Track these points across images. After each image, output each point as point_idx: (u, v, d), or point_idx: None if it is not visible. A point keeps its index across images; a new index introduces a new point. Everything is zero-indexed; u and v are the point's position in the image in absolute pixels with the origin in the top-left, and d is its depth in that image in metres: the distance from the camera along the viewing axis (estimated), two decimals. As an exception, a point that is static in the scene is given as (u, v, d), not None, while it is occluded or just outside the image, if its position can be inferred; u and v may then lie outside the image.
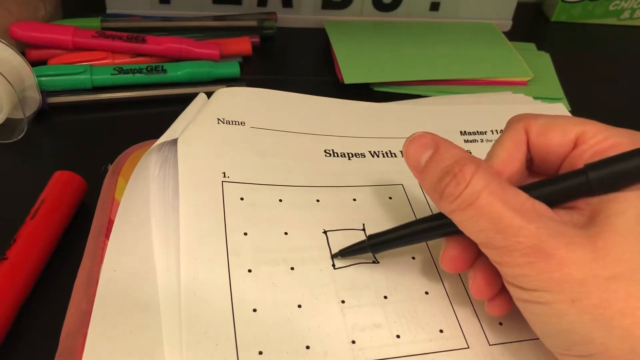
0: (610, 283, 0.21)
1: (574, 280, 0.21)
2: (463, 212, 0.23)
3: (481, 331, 0.28)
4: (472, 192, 0.23)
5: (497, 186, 0.23)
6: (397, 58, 0.50)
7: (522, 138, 0.26)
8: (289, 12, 0.55)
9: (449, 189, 0.23)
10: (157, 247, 0.29)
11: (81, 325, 0.26)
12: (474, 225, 0.23)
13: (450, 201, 0.24)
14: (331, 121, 0.38)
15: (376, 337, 0.27)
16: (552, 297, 0.21)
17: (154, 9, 0.53)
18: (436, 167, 0.24)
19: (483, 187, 0.23)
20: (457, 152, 0.24)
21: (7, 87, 0.38)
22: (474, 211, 0.23)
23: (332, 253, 0.30)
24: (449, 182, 0.23)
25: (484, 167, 0.23)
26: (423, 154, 0.25)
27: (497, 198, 0.22)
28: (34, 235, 0.30)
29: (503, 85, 0.48)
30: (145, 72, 0.44)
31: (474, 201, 0.23)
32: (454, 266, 0.26)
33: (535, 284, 0.22)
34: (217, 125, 0.34)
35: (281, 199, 0.32)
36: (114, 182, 0.33)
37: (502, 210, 0.22)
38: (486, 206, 0.22)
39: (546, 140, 0.26)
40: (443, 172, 0.24)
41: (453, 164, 0.24)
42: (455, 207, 0.23)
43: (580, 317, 0.21)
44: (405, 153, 0.26)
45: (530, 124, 0.26)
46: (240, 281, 0.28)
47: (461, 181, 0.23)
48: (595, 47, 0.58)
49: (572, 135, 0.25)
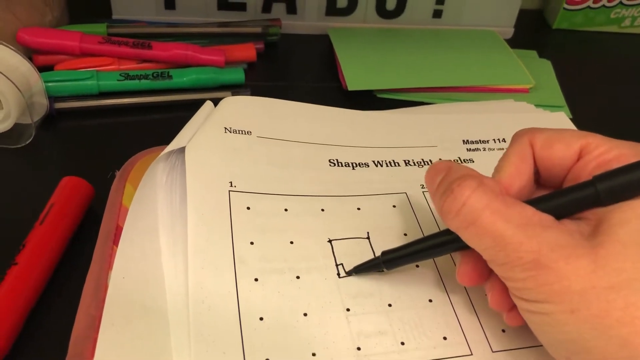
0: (608, 292, 0.21)
1: (573, 292, 0.21)
2: (466, 231, 0.24)
3: (484, 338, 0.28)
4: (472, 211, 0.23)
5: (501, 204, 0.23)
6: (400, 65, 0.50)
7: (528, 152, 0.27)
8: (293, 19, 0.55)
9: (446, 205, 0.24)
10: (165, 254, 0.29)
11: (90, 330, 0.26)
12: (478, 243, 0.24)
13: (450, 218, 0.24)
14: (336, 131, 0.38)
15: (381, 344, 0.27)
16: (553, 308, 0.22)
17: (160, 15, 0.53)
18: (442, 185, 0.25)
19: (484, 206, 0.23)
20: (464, 171, 0.25)
21: (15, 93, 0.38)
22: (476, 230, 0.23)
23: (337, 262, 0.30)
24: (447, 197, 0.24)
25: (487, 185, 0.24)
26: (437, 177, 0.26)
27: (499, 216, 0.23)
28: (43, 241, 0.31)
29: (505, 92, 0.49)
30: (151, 78, 0.44)
31: (475, 220, 0.23)
32: (470, 280, 0.27)
33: (536, 296, 0.22)
34: (224, 134, 0.35)
35: (287, 208, 0.32)
36: (121, 188, 0.33)
37: (504, 229, 0.23)
38: (488, 225, 0.23)
39: (550, 153, 0.26)
40: (445, 189, 0.25)
41: (453, 181, 0.24)
42: (458, 225, 0.24)
43: (579, 327, 0.21)
44: (425, 177, 0.27)
45: (535, 138, 0.26)
46: (247, 290, 0.28)
47: (458, 197, 0.24)
48: (596, 55, 0.59)
49: (576, 148, 0.25)
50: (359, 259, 0.30)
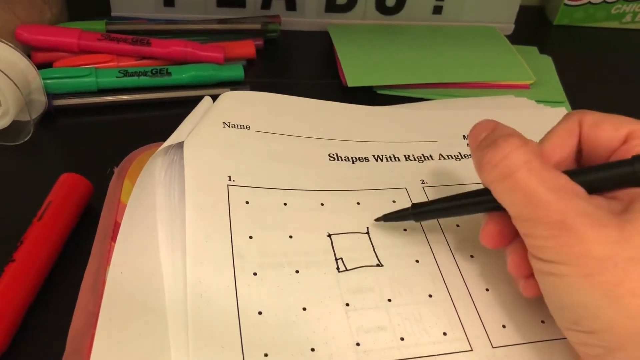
0: (626, 263, 0.21)
1: (592, 257, 0.22)
2: (500, 183, 0.24)
3: (484, 334, 0.28)
4: (511, 165, 0.24)
5: (539, 165, 0.24)
6: (400, 61, 0.50)
7: (575, 129, 0.27)
8: (292, 15, 0.55)
9: (489, 156, 0.25)
10: (163, 249, 0.29)
11: (88, 327, 0.26)
12: (509, 197, 0.24)
13: (489, 169, 0.25)
14: (335, 125, 0.38)
15: (380, 340, 0.27)
16: (568, 270, 0.22)
17: (159, 12, 0.53)
18: (486, 140, 0.26)
19: (523, 162, 0.24)
20: (510, 130, 0.26)
21: (14, 90, 0.38)
22: (511, 183, 0.24)
23: (336, 256, 0.30)
24: (490, 150, 0.25)
25: (530, 146, 0.24)
26: (482, 133, 0.27)
27: (536, 175, 0.23)
28: (41, 238, 0.30)
29: (505, 88, 0.48)
30: (150, 75, 0.44)
31: (512, 174, 0.24)
32: (493, 241, 0.27)
33: (554, 256, 0.23)
34: (222, 129, 0.34)
35: (286, 202, 0.32)
36: (120, 184, 0.33)
37: (537, 186, 0.23)
38: (522, 180, 0.23)
39: (597, 132, 0.26)
40: (490, 142, 0.25)
41: (499, 136, 0.25)
42: (493, 177, 0.25)
43: (591, 292, 0.22)
44: (469, 135, 0.28)
45: (585, 117, 0.27)
46: (246, 284, 0.28)
47: (499, 150, 0.24)
48: (597, 51, 0.59)
49: (624, 132, 0.26)
50: (359, 254, 0.31)
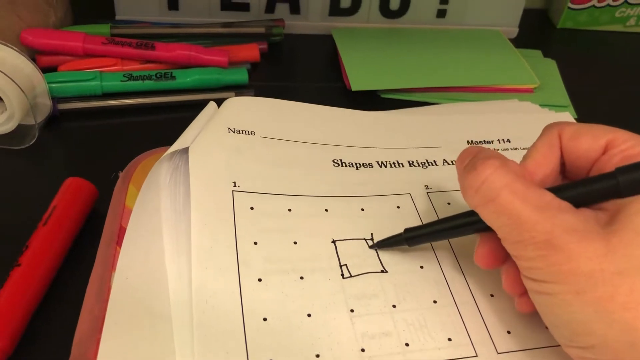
0: (615, 277, 0.21)
1: (581, 273, 0.22)
2: (484, 208, 0.25)
3: (489, 339, 0.28)
4: (492, 189, 0.24)
5: (521, 186, 0.24)
6: (404, 65, 0.50)
7: (556, 142, 0.27)
8: (296, 19, 0.55)
9: (468, 181, 0.25)
10: (168, 254, 0.29)
11: (93, 331, 0.26)
12: (495, 220, 0.25)
13: (471, 194, 0.25)
14: (340, 131, 0.38)
15: (385, 345, 0.27)
16: (559, 288, 0.22)
17: (163, 16, 0.53)
18: (468, 165, 0.26)
19: (504, 185, 0.24)
20: (490, 153, 0.26)
21: (19, 94, 0.38)
22: (495, 207, 0.24)
23: (340, 262, 0.30)
24: (469, 173, 0.25)
25: (509, 167, 0.25)
26: (466, 159, 0.27)
27: (518, 197, 0.23)
28: (46, 242, 0.30)
29: (509, 92, 0.48)
30: (155, 79, 0.44)
31: (494, 197, 0.24)
32: (487, 262, 0.27)
33: (544, 276, 0.23)
34: (227, 134, 0.34)
35: (290, 208, 0.32)
36: (125, 189, 0.33)
37: (521, 208, 0.23)
38: (506, 203, 0.24)
39: (577, 144, 0.27)
40: (469, 167, 0.25)
41: (477, 160, 0.25)
42: (477, 202, 0.25)
43: (583, 309, 0.22)
44: (456, 162, 0.28)
45: (564, 129, 0.27)
46: (251, 290, 0.28)
47: (480, 173, 0.24)
48: (601, 54, 0.59)
49: (603, 141, 0.26)
50: (363, 260, 0.31)
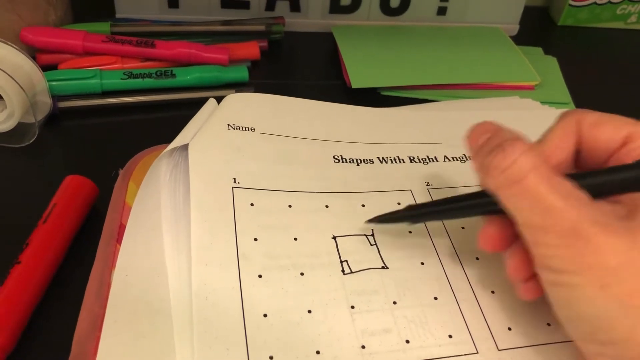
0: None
1: (608, 267, 0.21)
2: (508, 189, 0.24)
3: (490, 336, 0.28)
4: (520, 170, 0.23)
5: (546, 170, 0.23)
6: (405, 62, 0.50)
7: (574, 129, 0.27)
8: (296, 17, 0.55)
9: (496, 161, 0.24)
10: (168, 251, 0.29)
11: (93, 329, 0.26)
12: (517, 203, 0.24)
13: (496, 175, 0.24)
14: (340, 127, 0.38)
15: (386, 342, 0.27)
16: (582, 280, 0.22)
17: (163, 14, 0.53)
18: (490, 143, 0.25)
19: (532, 167, 0.23)
20: (515, 134, 0.25)
21: (19, 92, 0.38)
22: (520, 189, 0.23)
23: (341, 258, 0.30)
24: (497, 154, 0.24)
25: (535, 150, 0.24)
26: (482, 135, 0.26)
27: (545, 180, 0.23)
28: (46, 240, 0.30)
29: (510, 89, 0.48)
30: (155, 77, 0.44)
31: (521, 179, 0.23)
32: (492, 245, 0.27)
33: (567, 266, 0.22)
34: (227, 131, 0.34)
35: (291, 204, 0.32)
36: (125, 186, 0.33)
37: (548, 193, 0.23)
38: (532, 186, 0.23)
39: (597, 133, 0.26)
40: (494, 147, 0.24)
41: (505, 140, 0.24)
42: (501, 183, 0.24)
43: (607, 304, 0.21)
44: (467, 137, 0.27)
45: (584, 117, 0.26)
46: (251, 286, 0.28)
47: (509, 155, 0.24)
48: (602, 51, 0.58)
49: (624, 133, 0.25)
50: (364, 256, 0.30)
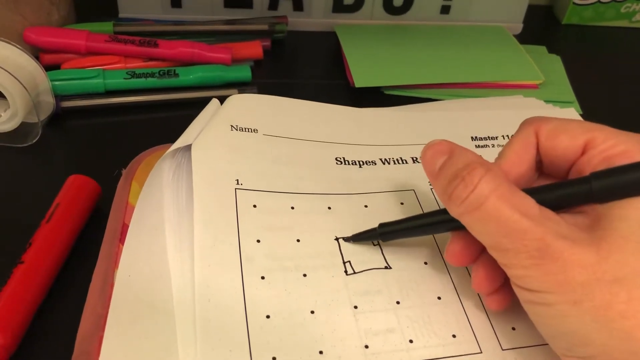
0: (612, 286, 0.21)
1: (577, 283, 0.21)
2: (471, 215, 0.24)
3: (494, 336, 0.28)
4: (479, 196, 0.23)
5: (506, 190, 0.23)
6: (408, 61, 0.50)
7: (532, 140, 0.26)
8: (299, 16, 0.55)
9: (457, 192, 0.24)
10: (171, 252, 0.29)
11: (96, 329, 0.26)
12: (482, 228, 0.24)
13: (458, 204, 0.24)
14: (342, 129, 0.38)
15: (389, 342, 0.27)
16: (555, 298, 0.22)
17: (166, 13, 0.53)
18: (447, 171, 0.25)
19: (491, 190, 0.23)
20: (470, 157, 0.25)
21: (22, 92, 0.38)
22: (482, 214, 0.23)
23: (344, 259, 0.30)
24: (457, 184, 0.24)
25: (493, 171, 0.24)
26: (438, 159, 0.26)
27: (505, 201, 0.23)
28: (49, 239, 0.31)
29: (514, 88, 0.48)
30: (158, 76, 0.44)
31: (481, 205, 0.23)
32: (458, 260, 0.27)
33: (539, 286, 0.22)
34: (230, 132, 0.34)
35: (293, 206, 0.32)
36: (128, 186, 0.33)
37: (510, 214, 0.22)
38: (493, 210, 0.23)
39: (555, 144, 0.26)
40: (453, 176, 0.24)
41: (463, 168, 0.24)
42: (463, 210, 0.24)
43: (581, 319, 0.21)
44: (422, 158, 0.27)
45: (541, 127, 0.26)
46: (254, 288, 0.28)
47: (469, 184, 0.23)
48: (606, 50, 0.58)
49: (581, 141, 0.25)
50: (367, 256, 0.30)
